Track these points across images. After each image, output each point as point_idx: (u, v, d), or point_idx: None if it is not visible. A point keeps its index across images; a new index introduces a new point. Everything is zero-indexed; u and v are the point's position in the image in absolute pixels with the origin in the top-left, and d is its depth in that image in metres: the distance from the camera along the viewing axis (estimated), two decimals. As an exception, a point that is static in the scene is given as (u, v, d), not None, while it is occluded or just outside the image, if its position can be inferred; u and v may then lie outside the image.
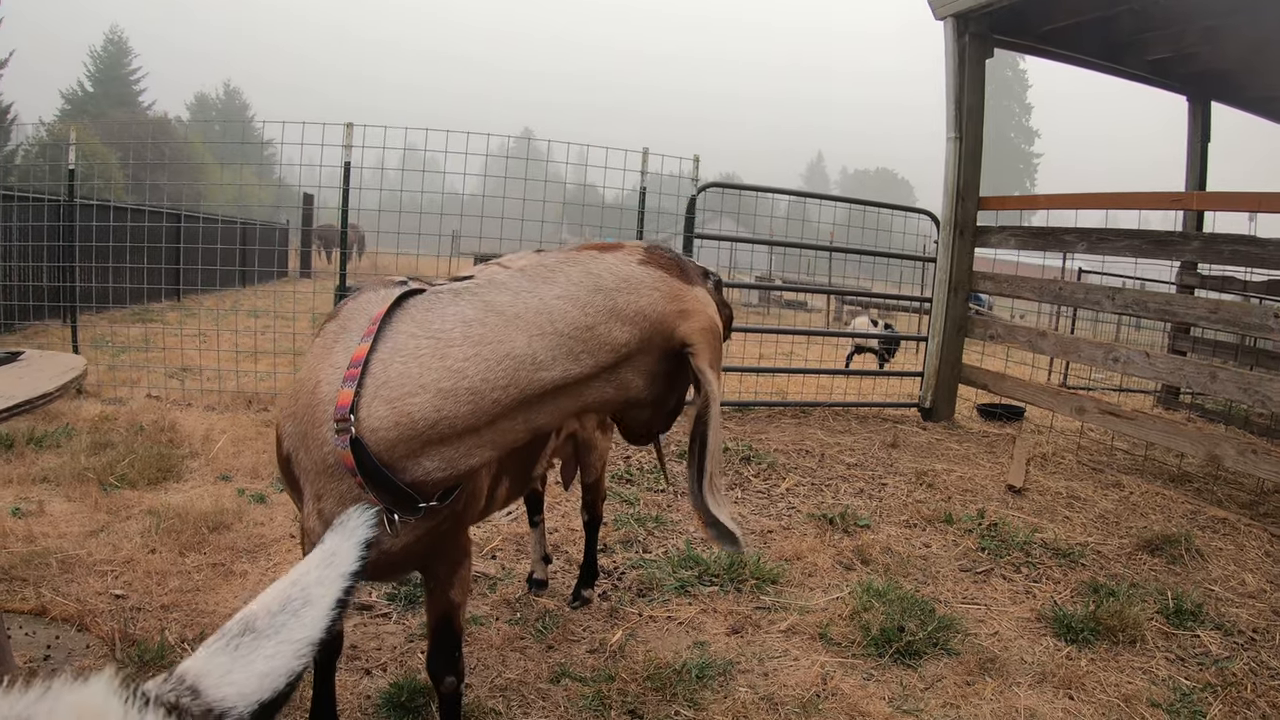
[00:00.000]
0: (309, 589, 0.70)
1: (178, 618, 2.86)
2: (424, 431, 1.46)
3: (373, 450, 1.47)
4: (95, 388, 6.34)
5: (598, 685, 2.55)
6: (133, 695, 0.50)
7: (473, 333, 1.47)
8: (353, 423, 1.45)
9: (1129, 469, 5.35)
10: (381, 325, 1.52)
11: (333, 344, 1.60)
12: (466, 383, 1.45)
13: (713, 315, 1.62)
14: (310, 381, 1.60)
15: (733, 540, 1.53)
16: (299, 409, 1.62)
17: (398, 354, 1.48)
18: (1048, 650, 2.94)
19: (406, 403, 1.45)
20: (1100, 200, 5.78)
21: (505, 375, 1.46)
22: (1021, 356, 7.95)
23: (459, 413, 1.46)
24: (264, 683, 0.61)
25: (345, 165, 5.98)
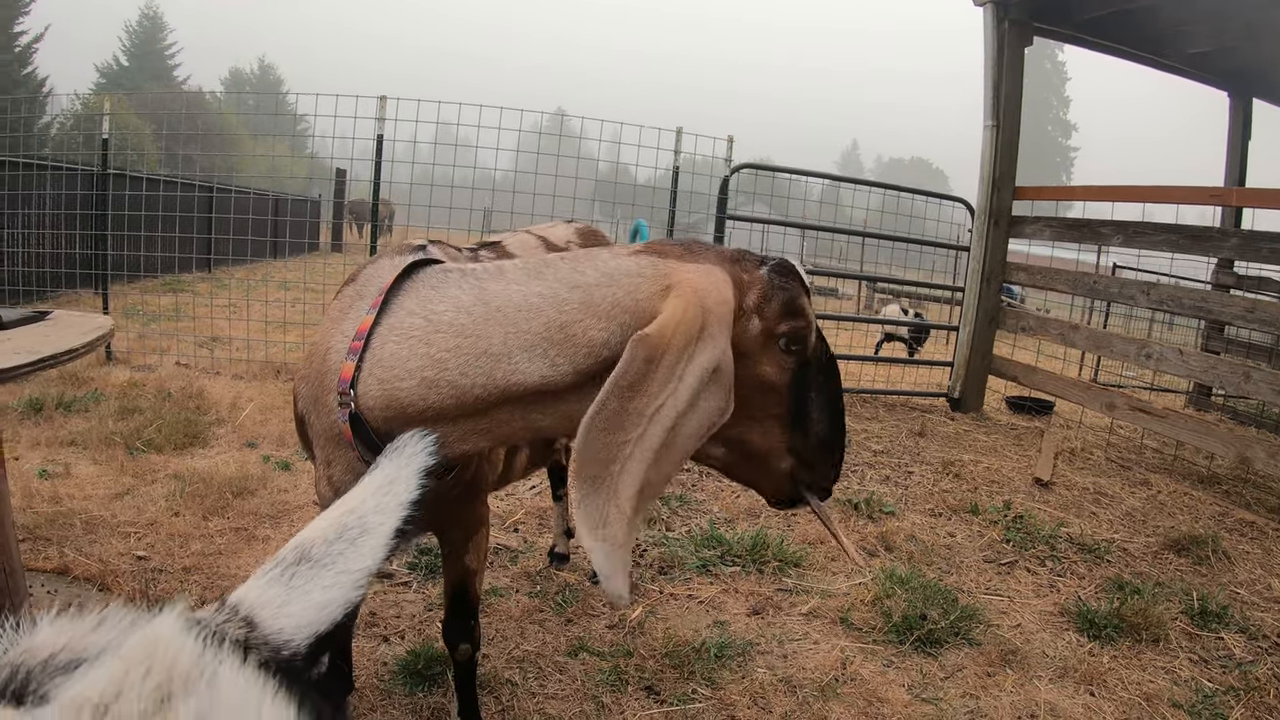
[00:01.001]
0: (366, 517, 0.68)
1: (198, 580, 2.88)
2: (414, 416, 1.43)
3: (370, 425, 1.46)
4: (125, 355, 6.41)
5: (615, 660, 2.55)
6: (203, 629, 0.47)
7: (459, 322, 1.40)
8: (352, 397, 1.45)
9: (1158, 468, 5.27)
10: (389, 296, 1.49)
11: (347, 310, 1.59)
12: (448, 375, 1.39)
13: (709, 285, 1.34)
14: (323, 347, 1.60)
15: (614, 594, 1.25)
16: (312, 373, 1.63)
17: (394, 332, 1.45)
18: (1070, 645, 2.90)
19: (395, 386, 1.42)
20: (1137, 193, 5.67)
21: (482, 373, 1.37)
22: (1053, 350, 7.84)
23: (444, 403, 1.41)
24: (321, 614, 0.60)
25: (378, 138, 5.99)
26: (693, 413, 1.29)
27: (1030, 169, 52.52)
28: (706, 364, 1.28)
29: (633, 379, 1.25)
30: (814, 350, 1.45)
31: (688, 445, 1.31)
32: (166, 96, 23.47)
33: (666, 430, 1.26)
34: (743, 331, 1.38)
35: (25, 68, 28.29)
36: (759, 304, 1.39)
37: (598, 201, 14.76)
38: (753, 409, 1.43)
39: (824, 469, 1.51)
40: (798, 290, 1.42)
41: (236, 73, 62.74)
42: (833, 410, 1.49)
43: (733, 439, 1.45)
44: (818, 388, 1.46)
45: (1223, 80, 7.32)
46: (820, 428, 1.47)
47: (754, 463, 1.49)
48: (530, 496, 3.91)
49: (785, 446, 1.46)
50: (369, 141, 6.02)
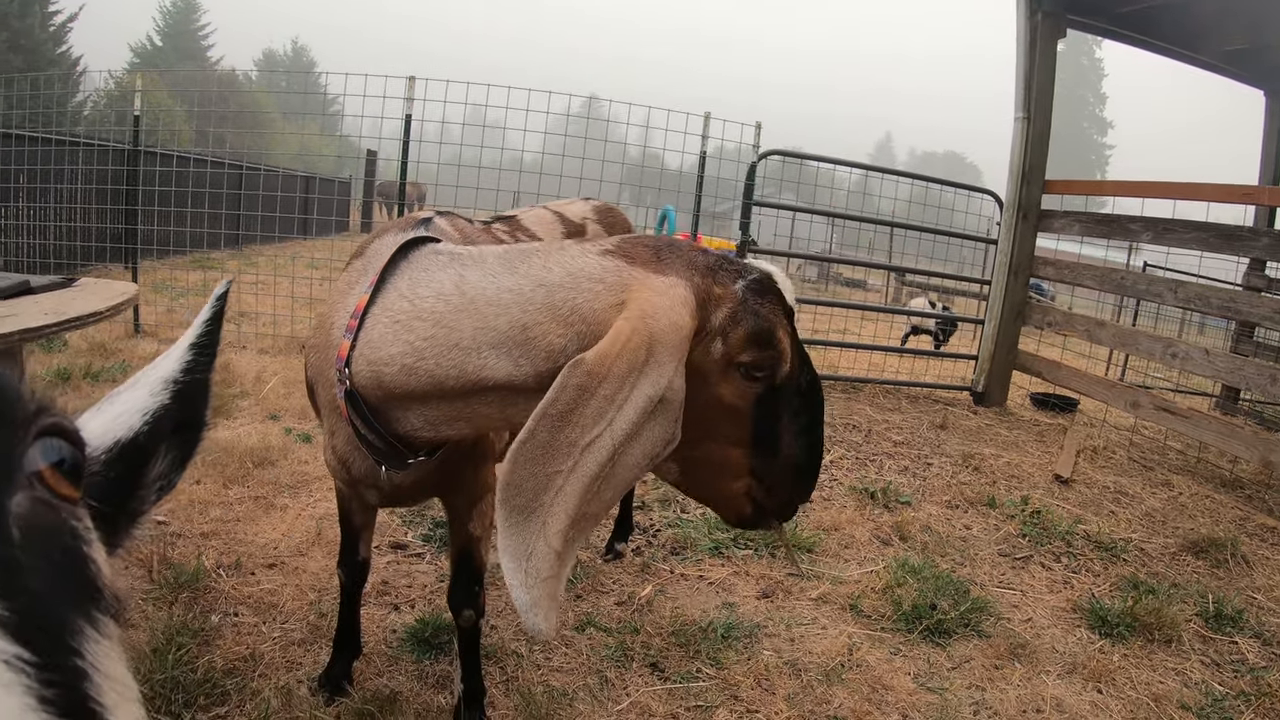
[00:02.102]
0: (173, 348, 0.70)
1: (216, 545, 2.93)
2: (400, 397, 1.46)
3: (366, 402, 1.49)
4: (153, 328, 6.51)
5: (622, 636, 2.57)
6: None
7: (438, 310, 1.40)
8: (348, 375, 1.47)
9: (1180, 469, 5.20)
10: (384, 275, 1.50)
11: (353, 284, 1.61)
12: (425, 365, 1.39)
13: (662, 308, 1.25)
14: (328, 320, 1.63)
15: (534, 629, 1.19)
16: (319, 344, 1.67)
17: (384, 313, 1.46)
18: (1080, 642, 2.88)
19: (382, 370, 1.44)
20: (1167, 190, 5.58)
21: (454, 365, 1.37)
22: (1079, 348, 7.75)
23: (424, 390, 1.42)
24: (118, 421, 0.61)
25: (406, 118, 6.02)
26: (635, 444, 1.23)
27: (1065, 165, 51.79)
28: (651, 394, 1.22)
29: (564, 408, 1.19)
30: (787, 377, 1.36)
31: (630, 475, 1.25)
32: (199, 76, 23.67)
33: (603, 463, 1.20)
34: (704, 353, 1.32)
35: (60, 46, 28.67)
36: (725, 326, 1.31)
37: (626, 186, 14.77)
38: (711, 430, 1.37)
39: (783, 494, 1.45)
40: (771, 317, 1.33)
41: (270, 53, 63.14)
42: (807, 436, 1.41)
43: (688, 458, 1.40)
44: (791, 413, 1.39)
45: (1259, 78, 7.18)
46: (790, 452, 1.40)
47: (709, 483, 1.44)
48: (546, 476, 3.93)
49: (746, 468, 1.41)
50: (398, 122, 6.05)
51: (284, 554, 2.93)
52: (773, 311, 1.33)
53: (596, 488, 1.21)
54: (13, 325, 1.74)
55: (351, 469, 1.71)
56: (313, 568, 2.84)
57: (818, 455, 1.45)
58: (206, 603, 2.56)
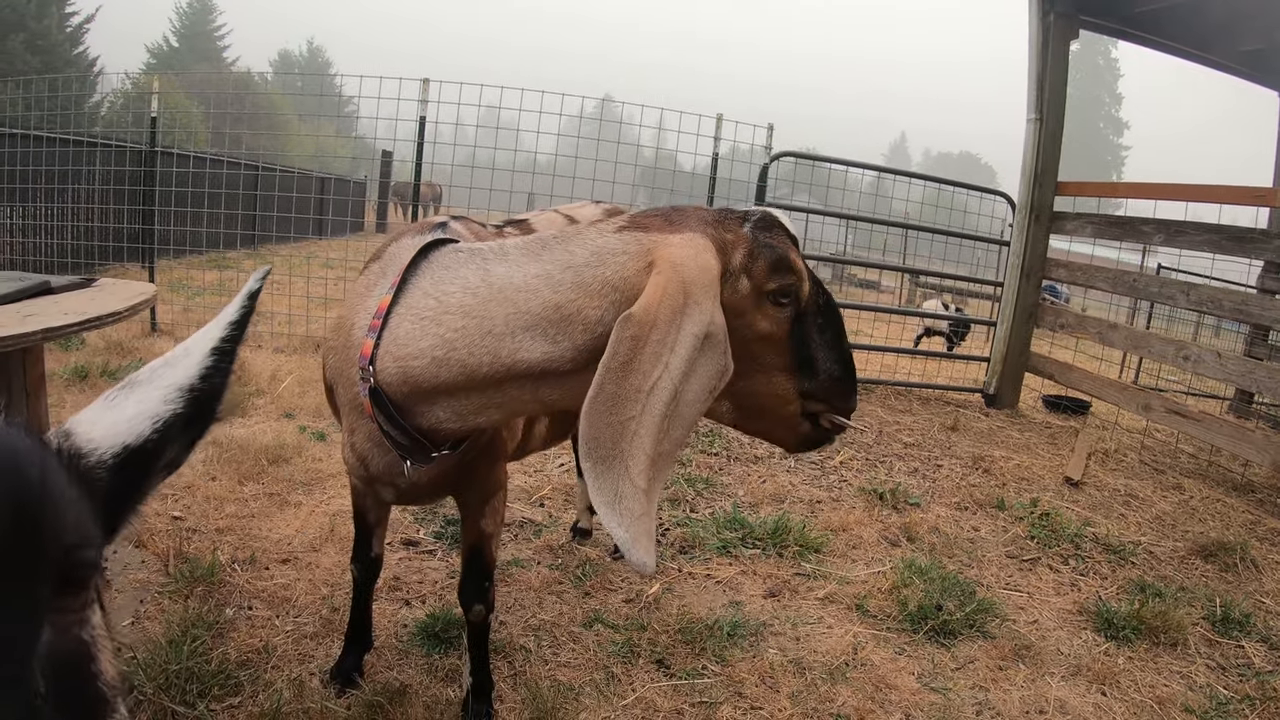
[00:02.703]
0: (192, 344, 0.69)
1: (230, 540, 2.98)
2: (428, 391, 1.50)
3: (390, 399, 1.53)
4: (169, 327, 6.58)
5: (629, 633, 2.60)
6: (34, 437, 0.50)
7: (466, 303, 1.46)
8: (371, 373, 1.52)
9: (1192, 472, 5.19)
10: (406, 276, 1.55)
11: (371, 286, 1.66)
12: (456, 355, 1.45)
13: (689, 256, 1.36)
14: (348, 322, 1.67)
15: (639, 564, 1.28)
16: (338, 345, 1.71)
17: (409, 312, 1.51)
18: (1086, 644, 2.89)
19: (409, 364, 1.48)
20: (1180, 192, 5.56)
21: (488, 352, 1.43)
22: (1092, 351, 7.73)
23: (455, 381, 1.47)
24: (129, 425, 0.61)
25: (420, 120, 6.07)
26: (692, 379, 1.33)
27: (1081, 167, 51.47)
28: (696, 332, 1.32)
29: (624, 359, 1.29)
30: (809, 299, 1.48)
31: (694, 410, 1.35)
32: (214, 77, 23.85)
33: (668, 402, 1.30)
34: (733, 292, 1.42)
35: (76, 48, 28.91)
36: (745, 263, 1.42)
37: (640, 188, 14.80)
38: (755, 363, 1.47)
39: (839, 401, 1.56)
40: (784, 245, 1.45)
41: (286, 55, 63.47)
42: (838, 349, 1.53)
43: (740, 393, 1.49)
44: (819, 330, 1.51)
45: (1273, 79, 7.14)
46: (828, 366, 1.51)
47: (765, 412, 1.54)
48: (558, 473, 3.97)
49: (794, 392, 1.52)
50: (413, 123, 6.10)
51: (298, 549, 2.98)
52: (782, 241, 1.46)
53: (666, 426, 1.31)
54: (35, 325, 1.78)
55: (370, 466, 1.75)
56: (325, 563, 2.88)
57: (851, 364, 1.56)
58: (221, 596, 2.61)
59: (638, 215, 1.49)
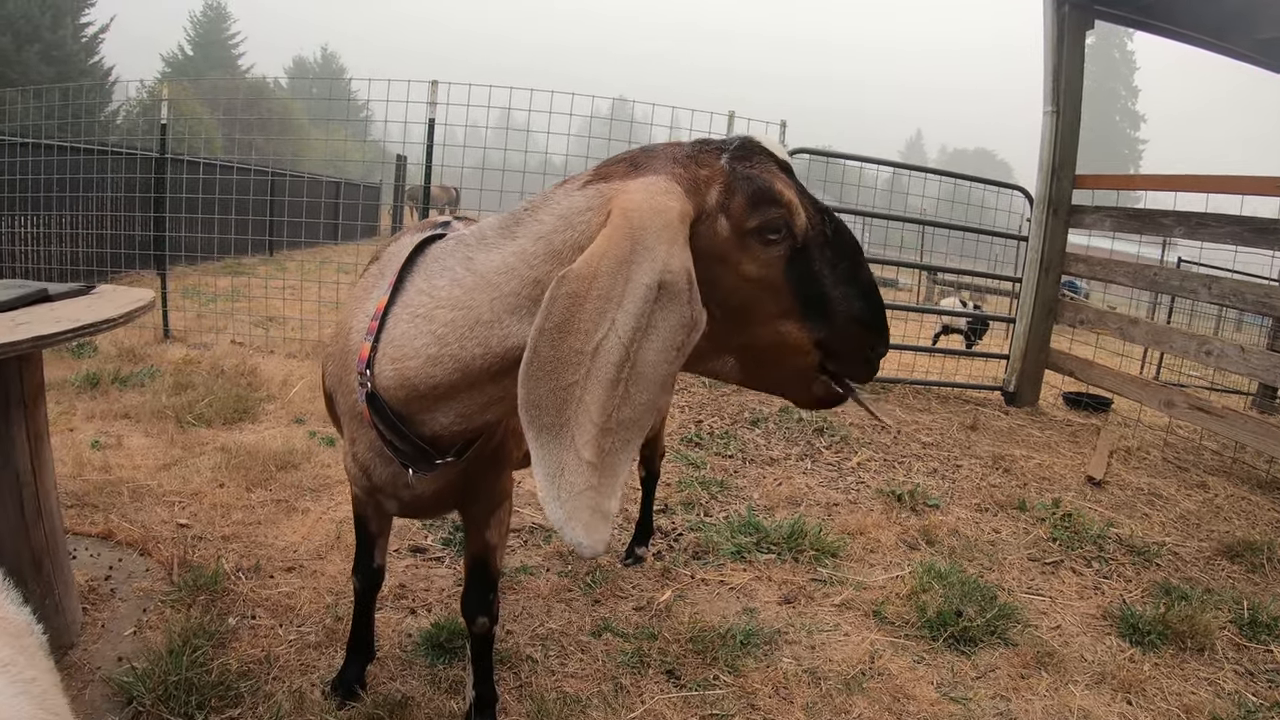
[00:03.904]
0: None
1: (236, 548, 2.95)
2: (426, 393, 1.42)
3: (389, 405, 1.46)
4: (182, 333, 6.59)
5: (639, 642, 2.54)
6: None
7: (454, 295, 1.37)
8: (369, 377, 1.45)
9: (1216, 470, 5.07)
10: (402, 274, 1.48)
11: (370, 289, 1.61)
12: (449, 350, 1.36)
13: (639, 201, 1.21)
14: (346, 326, 1.62)
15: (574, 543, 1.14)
16: (337, 351, 1.66)
17: (405, 310, 1.44)
18: (1110, 650, 2.80)
19: (405, 365, 1.41)
20: (1200, 183, 5.45)
21: (479, 342, 1.33)
22: (1113, 347, 7.60)
23: (451, 378, 1.38)
24: None
25: (429, 122, 6.04)
26: (651, 337, 1.17)
27: (1097, 160, 50.95)
28: (648, 282, 1.16)
29: (559, 319, 1.15)
30: (806, 231, 1.29)
31: (660, 371, 1.19)
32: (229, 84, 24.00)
33: (618, 364, 1.15)
34: (711, 234, 1.26)
35: (92, 57, 29.16)
36: (722, 200, 1.26)
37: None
38: (752, 312, 1.31)
39: (858, 351, 1.38)
40: (766, 174, 1.28)
41: (300, 61, 63.88)
42: (855, 284, 1.33)
43: (741, 347, 1.35)
44: (827, 266, 1.31)
45: (1290, 68, 6.99)
46: (844, 306, 1.32)
47: (775, 369, 1.37)
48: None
49: (807, 341, 1.33)
50: (424, 126, 6.07)
51: (303, 557, 2.94)
52: (765, 169, 1.28)
53: (622, 391, 1.16)
54: (25, 333, 1.74)
55: (373, 476, 1.69)
56: (331, 571, 2.84)
57: (875, 298, 1.36)
58: (224, 605, 2.57)
59: (603, 165, 1.35)
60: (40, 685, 0.90)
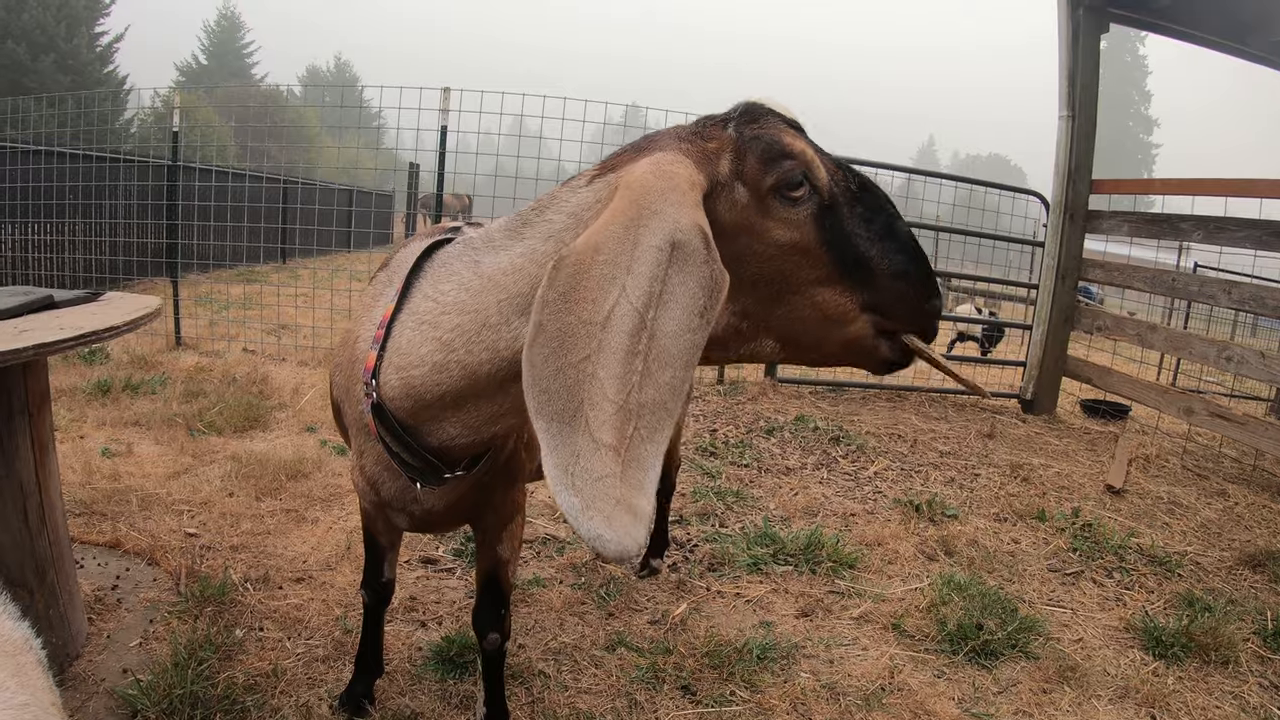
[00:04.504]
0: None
1: (244, 558, 2.92)
2: (433, 402, 1.36)
3: (395, 417, 1.41)
4: (194, 341, 6.59)
5: (654, 657, 2.49)
6: None
7: (461, 299, 1.31)
8: (375, 388, 1.40)
9: (1236, 477, 4.99)
10: (409, 281, 1.43)
11: (378, 296, 1.57)
12: (455, 356, 1.29)
13: (645, 171, 1.13)
14: (353, 335, 1.59)
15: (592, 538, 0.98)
16: (344, 361, 1.62)
17: (411, 317, 1.38)
18: (1133, 663, 2.73)
19: (410, 374, 1.35)
20: (1218, 186, 5.37)
21: (486, 347, 1.26)
22: (1131, 353, 7.52)
23: (458, 386, 1.31)
24: None
25: (441, 130, 6.02)
26: (669, 304, 1.05)
27: (1111, 165, 50.73)
28: (658, 244, 1.06)
29: (564, 288, 1.04)
30: (830, 185, 1.21)
31: (683, 344, 1.06)
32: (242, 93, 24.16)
33: (633, 331, 1.03)
34: (731, 205, 1.19)
35: (106, 66, 29.35)
36: (735, 167, 1.19)
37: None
38: (789, 283, 1.22)
39: (912, 306, 1.28)
40: (774, 131, 1.21)
41: (314, 70, 64.22)
42: (892, 238, 1.25)
43: (781, 323, 1.25)
44: (861, 222, 1.24)
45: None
46: (885, 262, 1.24)
47: (825, 340, 1.27)
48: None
49: (853, 305, 1.24)
50: (437, 134, 6.06)
51: (312, 568, 2.90)
52: (772, 128, 1.21)
53: (641, 366, 1.03)
54: (27, 340, 1.72)
55: (381, 491, 1.65)
56: (340, 582, 2.80)
57: (917, 252, 1.28)
58: (231, 617, 2.54)
59: (610, 157, 1.27)
60: (31, 711, 0.86)
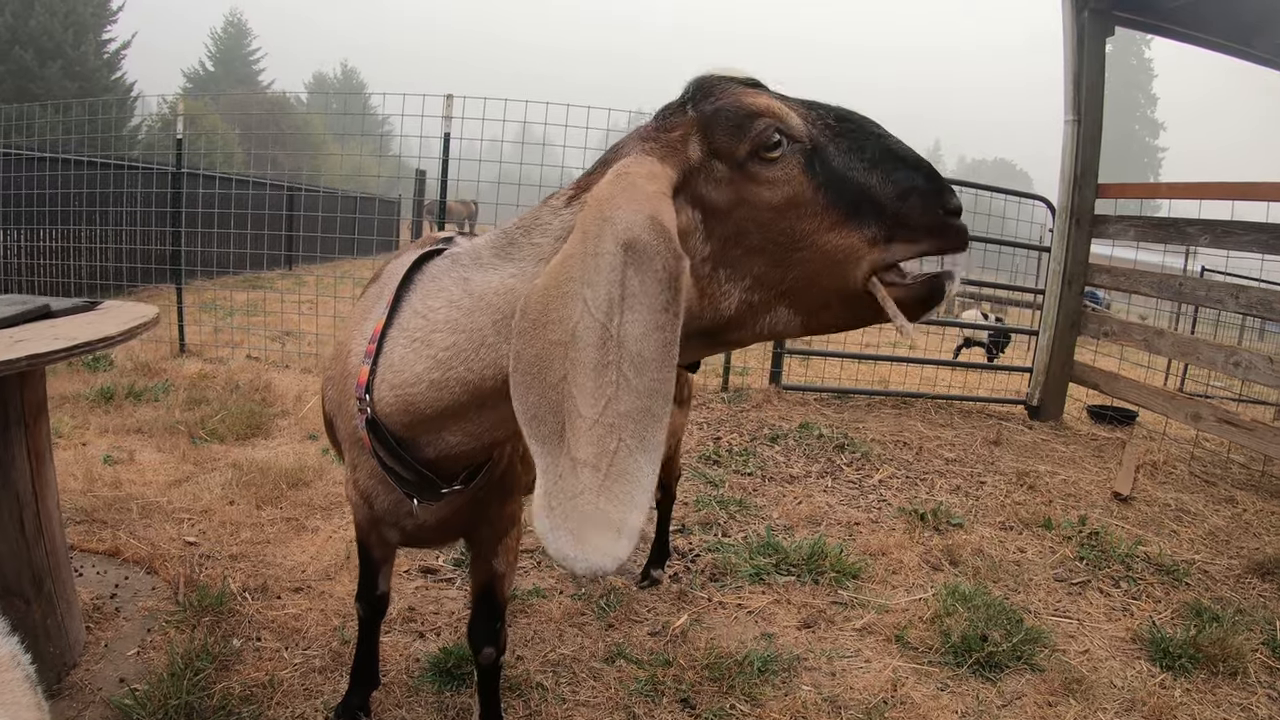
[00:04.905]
0: None
1: (243, 567, 2.90)
2: (433, 418, 1.34)
3: (390, 431, 1.39)
4: (198, 348, 6.59)
5: (653, 669, 2.46)
6: None
7: (452, 318, 1.29)
8: (369, 403, 1.38)
9: (1244, 484, 4.95)
10: (399, 294, 1.41)
11: (369, 309, 1.54)
12: (454, 373, 1.28)
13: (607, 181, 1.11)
14: (345, 348, 1.56)
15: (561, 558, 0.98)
16: (336, 374, 1.60)
17: (402, 333, 1.37)
18: (1140, 675, 2.69)
19: (408, 391, 1.34)
20: (1225, 190, 5.34)
21: (489, 365, 1.24)
22: (1138, 358, 7.48)
23: (460, 400, 1.30)
24: None
25: (445, 136, 6.02)
26: (632, 306, 1.03)
27: (1117, 169, 50.54)
28: (610, 249, 1.03)
29: (535, 315, 1.04)
30: (808, 130, 1.15)
31: (650, 344, 1.02)
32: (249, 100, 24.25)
33: (598, 344, 1.01)
34: (715, 184, 1.15)
35: (114, 73, 29.49)
36: (705, 144, 1.15)
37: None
38: (796, 240, 1.15)
39: (931, 219, 1.17)
40: (733, 98, 1.16)
41: (320, 76, 64.49)
42: (888, 156, 1.17)
43: (796, 284, 1.17)
44: (851, 153, 1.16)
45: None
46: (892, 186, 1.15)
47: (841, 291, 1.17)
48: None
49: (861, 241, 1.15)
50: (440, 140, 6.05)
51: (311, 578, 2.89)
52: (731, 93, 1.16)
53: (614, 376, 1.01)
54: (21, 351, 1.70)
55: (375, 505, 1.63)
56: (339, 592, 2.79)
57: (917, 162, 1.18)
58: (229, 626, 2.52)
59: (582, 177, 1.25)
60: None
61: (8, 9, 24.82)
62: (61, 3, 26.20)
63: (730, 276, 1.16)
